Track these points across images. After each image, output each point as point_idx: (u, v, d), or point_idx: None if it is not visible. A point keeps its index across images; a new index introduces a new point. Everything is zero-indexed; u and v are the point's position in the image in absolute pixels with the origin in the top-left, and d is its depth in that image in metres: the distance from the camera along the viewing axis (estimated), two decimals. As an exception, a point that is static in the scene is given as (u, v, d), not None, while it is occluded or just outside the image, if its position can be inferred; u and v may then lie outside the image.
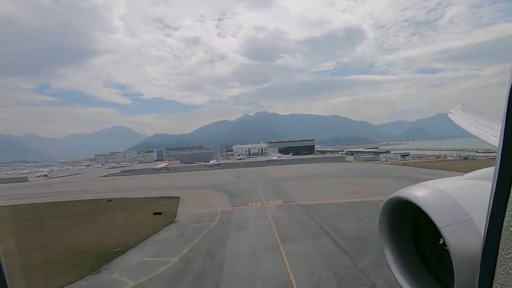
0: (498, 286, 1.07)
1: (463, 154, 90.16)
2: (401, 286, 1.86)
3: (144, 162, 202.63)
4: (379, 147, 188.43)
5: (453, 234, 1.43)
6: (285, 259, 17.43)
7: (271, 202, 34.72)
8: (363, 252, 17.47)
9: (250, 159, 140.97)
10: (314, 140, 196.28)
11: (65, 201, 47.11)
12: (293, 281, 14.64)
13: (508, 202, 1.00)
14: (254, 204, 34.49)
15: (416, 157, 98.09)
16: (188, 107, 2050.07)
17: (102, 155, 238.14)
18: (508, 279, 1.00)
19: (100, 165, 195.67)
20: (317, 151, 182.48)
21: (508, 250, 1.00)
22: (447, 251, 1.48)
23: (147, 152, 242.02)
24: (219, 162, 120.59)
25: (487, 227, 1.10)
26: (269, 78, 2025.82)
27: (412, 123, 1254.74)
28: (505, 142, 1.01)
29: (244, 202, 36.02)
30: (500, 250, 1.04)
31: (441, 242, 1.63)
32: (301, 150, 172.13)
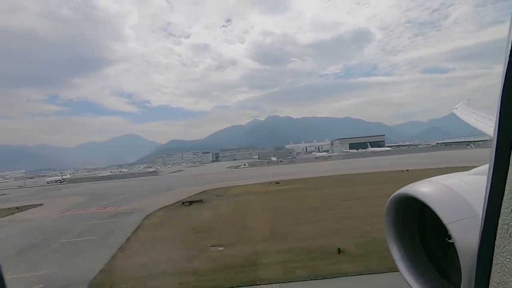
0: (495, 284, 1.06)
1: None
2: (408, 283, 1.82)
3: (204, 163, 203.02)
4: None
5: (459, 230, 1.40)
6: None
7: None
8: None
9: (351, 153, 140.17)
10: (384, 135, 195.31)
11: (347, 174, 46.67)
12: None
13: (503, 200, 0.99)
14: None
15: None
16: (195, 113, 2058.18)
17: (160, 157, 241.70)
18: (504, 277, 1.00)
19: (169, 165, 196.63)
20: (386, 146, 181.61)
21: (504, 248, 0.99)
22: (453, 247, 1.45)
23: (203, 153, 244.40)
24: (330, 155, 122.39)
25: (482, 225, 1.08)
26: (278, 82, 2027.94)
27: (426, 123, 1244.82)
28: (498, 141, 1.00)
29: None
30: (496, 248, 1.03)
31: (447, 238, 1.58)
32: (374, 145, 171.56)
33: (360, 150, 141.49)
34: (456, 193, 1.61)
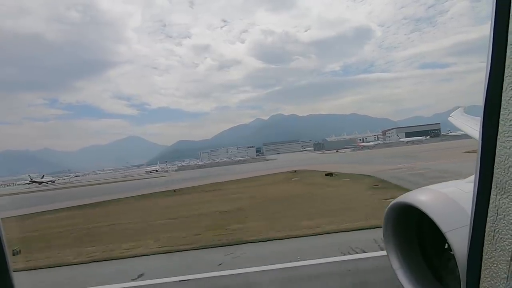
0: None
1: None
2: None
3: (257, 158, 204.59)
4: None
5: (458, 238, 1.39)
6: None
7: None
8: None
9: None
10: (439, 123, 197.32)
11: None
12: None
13: (489, 208, 1.00)
14: None
15: None
16: (195, 114, 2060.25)
17: (205, 152, 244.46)
18: (492, 282, 1.02)
19: (211, 161, 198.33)
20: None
21: (491, 254, 1.01)
22: (452, 256, 1.45)
23: (248, 147, 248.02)
24: (424, 139, 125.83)
25: (470, 232, 1.11)
26: (281, 80, 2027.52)
27: (430, 118, 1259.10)
28: (483, 149, 1.00)
29: None
30: (484, 254, 1.04)
31: (446, 246, 1.59)
32: (430, 133, 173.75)
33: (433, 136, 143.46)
34: (454, 201, 1.60)
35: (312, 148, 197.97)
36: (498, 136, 0.92)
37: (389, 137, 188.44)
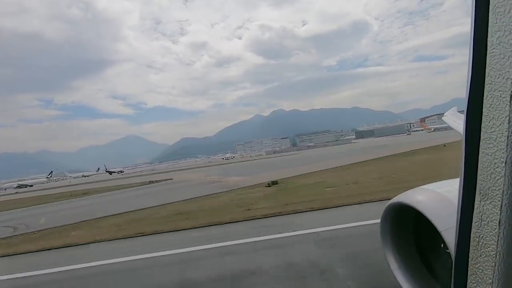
0: None
1: None
2: None
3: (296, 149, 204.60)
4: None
5: (454, 237, 1.34)
6: None
7: None
8: None
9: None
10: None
11: None
12: None
13: (474, 213, 1.01)
14: None
15: None
16: (193, 112, 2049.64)
17: (240, 144, 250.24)
18: (479, 287, 1.02)
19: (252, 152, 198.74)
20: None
21: (477, 260, 1.02)
22: (449, 254, 1.45)
23: (282, 138, 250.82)
24: None
25: (456, 237, 1.12)
26: (280, 76, 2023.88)
27: (428, 110, 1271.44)
28: (467, 155, 0.99)
29: None
30: (470, 260, 1.05)
31: (443, 245, 1.60)
32: None
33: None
34: (450, 201, 1.61)
35: (354, 136, 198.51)
36: (481, 143, 0.92)
37: (433, 122, 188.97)
